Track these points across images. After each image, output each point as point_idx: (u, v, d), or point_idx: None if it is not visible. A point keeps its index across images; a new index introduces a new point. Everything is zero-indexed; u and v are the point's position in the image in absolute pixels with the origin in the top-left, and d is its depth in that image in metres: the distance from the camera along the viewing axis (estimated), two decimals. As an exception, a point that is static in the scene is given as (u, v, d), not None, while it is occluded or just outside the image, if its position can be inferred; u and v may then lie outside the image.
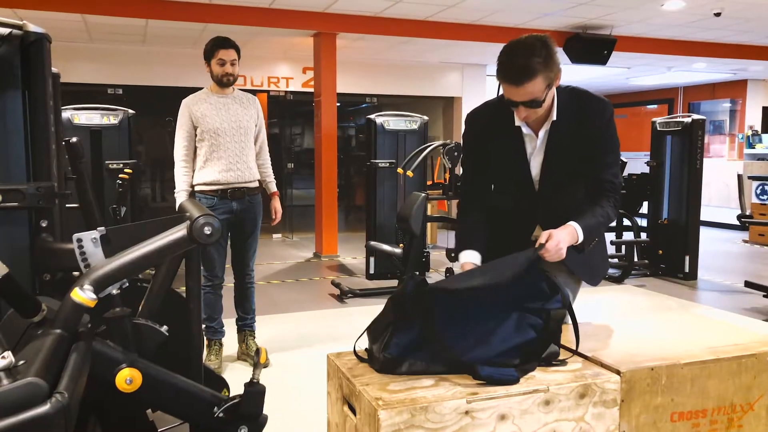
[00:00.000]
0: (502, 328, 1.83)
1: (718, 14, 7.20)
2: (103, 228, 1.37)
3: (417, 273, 1.96)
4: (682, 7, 7.17)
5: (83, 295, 1.20)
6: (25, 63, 1.70)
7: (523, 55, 1.90)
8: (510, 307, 1.86)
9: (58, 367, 1.13)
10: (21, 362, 1.07)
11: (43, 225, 1.71)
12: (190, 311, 1.70)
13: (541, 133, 2.12)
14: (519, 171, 2.19)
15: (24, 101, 1.71)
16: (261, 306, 4.00)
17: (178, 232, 1.32)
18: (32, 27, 1.68)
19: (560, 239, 1.97)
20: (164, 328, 1.61)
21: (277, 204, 3.87)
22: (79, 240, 1.36)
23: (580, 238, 2.04)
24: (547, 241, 1.97)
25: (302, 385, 3.49)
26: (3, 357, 1.00)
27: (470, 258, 2.19)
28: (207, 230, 1.30)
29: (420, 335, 1.77)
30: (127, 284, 1.38)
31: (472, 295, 1.82)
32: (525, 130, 2.12)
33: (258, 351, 1.59)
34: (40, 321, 1.33)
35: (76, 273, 1.78)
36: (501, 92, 2.04)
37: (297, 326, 4.77)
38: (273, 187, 3.88)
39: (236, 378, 3.38)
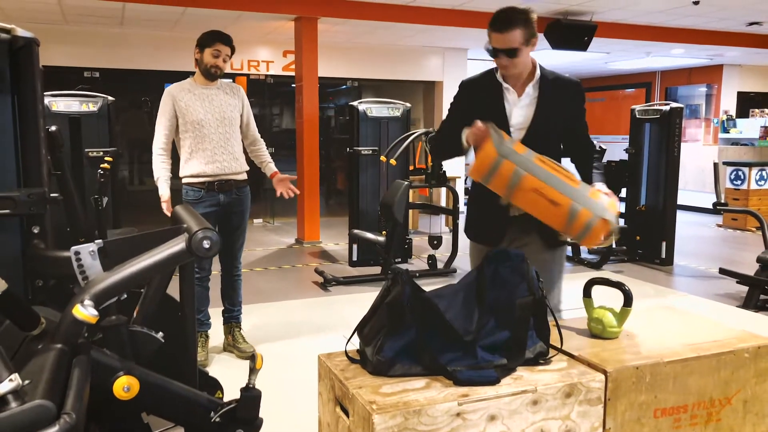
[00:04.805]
0: (482, 335, 1.87)
1: (696, 2, 7.27)
2: (100, 240, 1.37)
3: (407, 272, 2.00)
4: (662, -5, 7.24)
5: (85, 312, 1.20)
6: (13, 68, 1.68)
7: (509, 10, 2.40)
8: (487, 310, 1.90)
9: (62, 385, 1.14)
10: (26, 382, 1.08)
11: (35, 231, 1.71)
12: (185, 317, 1.71)
13: (528, 90, 2.48)
14: (496, 122, 2.38)
15: (13, 106, 1.70)
16: (245, 294, 4.00)
17: (177, 245, 1.32)
18: (21, 32, 1.66)
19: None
20: (160, 335, 1.63)
21: (286, 182, 3.70)
22: (77, 253, 1.36)
23: None
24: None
25: (290, 377, 3.51)
26: (10, 380, 1.00)
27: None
28: (206, 244, 1.31)
29: (412, 342, 1.81)
30: (126, 296, 1.39)
31: (453, 304, 1.87)
32: (505, 84, 2.49)
33: (254, 356, 1.61)
34: (39, 334, 1.34)
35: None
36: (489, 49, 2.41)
37: (282, 315, 4.79)
38: (273, 167, 3.77)
39: (223, 371, 3.42)
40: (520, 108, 2.50)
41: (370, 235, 5.90)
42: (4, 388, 0.99)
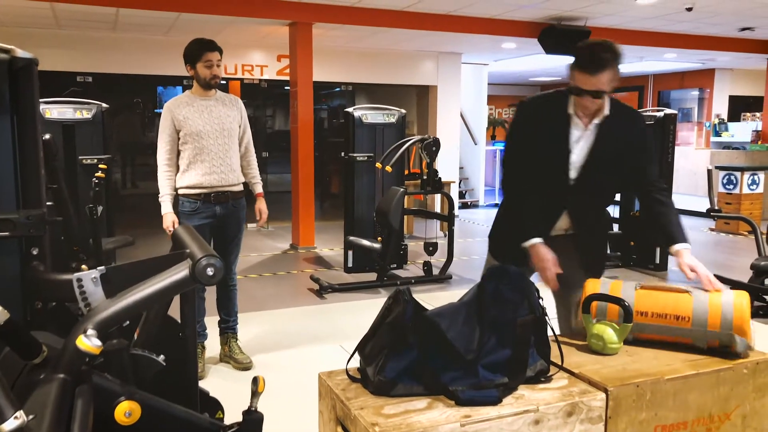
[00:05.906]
0: (484, 353, 1.87)
1: (689, 9, 7.31)
2: (103, 267, 1.36)
3: (408, 290, 2.00)
4: (655, 1, 7.26)
5: (89, 343, 1.19)
6: (13, 88, 1.66)
7: (601, 49, 2.17)
8: (488, 329, 1.90)
9: (66, 418, 1.13)
10: (30, 417, 1.07)
11: (34, 253, 1.69)
12: (185, 338, 1.70)
13: (592, 125, 2.36)
14: (559, 156, 2.38)
15: (12, 127, 1.68)
16: (240, 302, 3.98)
17: (181, 272, 1.32)
18: (20, 52, 1.64)
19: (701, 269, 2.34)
20: (161, 358, 1.61)
21: (262, 206, 3.85)
22: (79, 279, 1.35)
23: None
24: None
25: (288, 390, 3.48)
26: (15, 417, 0.99)
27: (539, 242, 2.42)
28: (210, 271, 1.30)
29: (414, 362, 1.80)
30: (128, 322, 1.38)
31: (454, 323, 1.87)
32: (575, 119, 2.36)
33: (256, 379, 1.61)
34: (40, 362, 1.32)
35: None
36: (570, 84, 2.26)
37: (278, 324, 4.78)
38: (259, 188, 3.83)
39: (220, 383, 3.40)
40: (582, 142, 2.38)
41: (365, 242, 5.89)
42: (9, 426, 0.98)
